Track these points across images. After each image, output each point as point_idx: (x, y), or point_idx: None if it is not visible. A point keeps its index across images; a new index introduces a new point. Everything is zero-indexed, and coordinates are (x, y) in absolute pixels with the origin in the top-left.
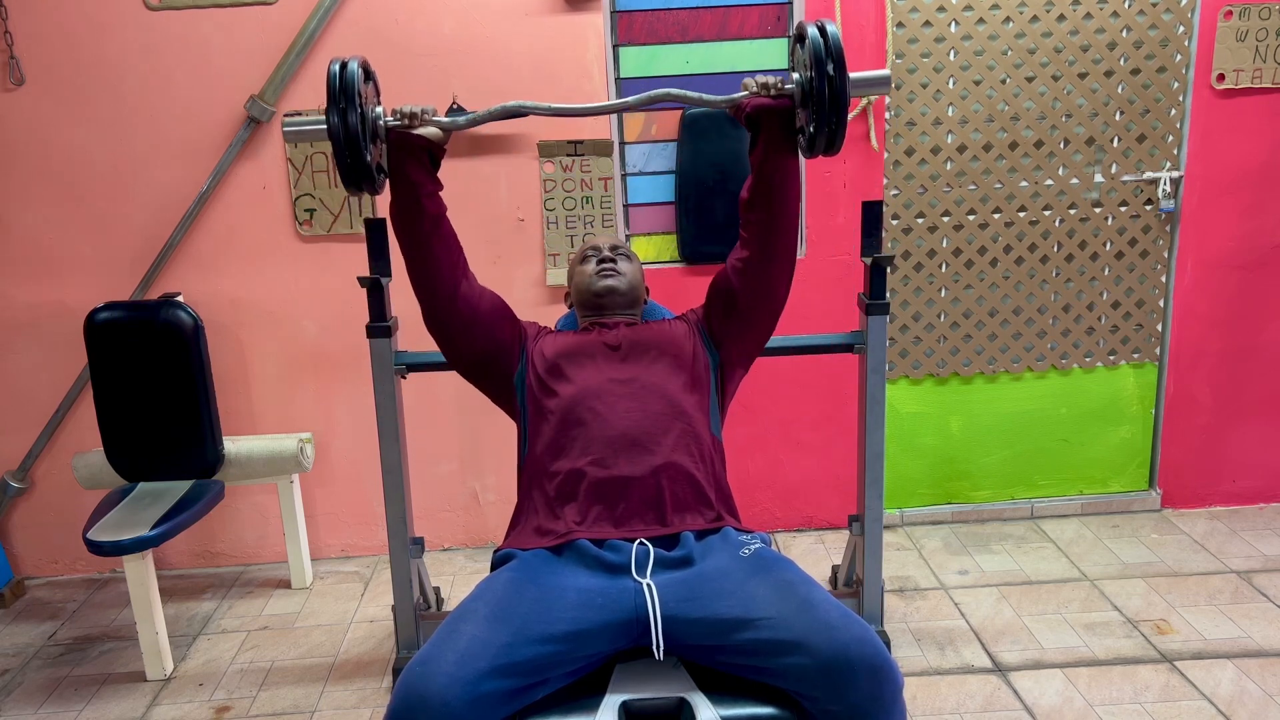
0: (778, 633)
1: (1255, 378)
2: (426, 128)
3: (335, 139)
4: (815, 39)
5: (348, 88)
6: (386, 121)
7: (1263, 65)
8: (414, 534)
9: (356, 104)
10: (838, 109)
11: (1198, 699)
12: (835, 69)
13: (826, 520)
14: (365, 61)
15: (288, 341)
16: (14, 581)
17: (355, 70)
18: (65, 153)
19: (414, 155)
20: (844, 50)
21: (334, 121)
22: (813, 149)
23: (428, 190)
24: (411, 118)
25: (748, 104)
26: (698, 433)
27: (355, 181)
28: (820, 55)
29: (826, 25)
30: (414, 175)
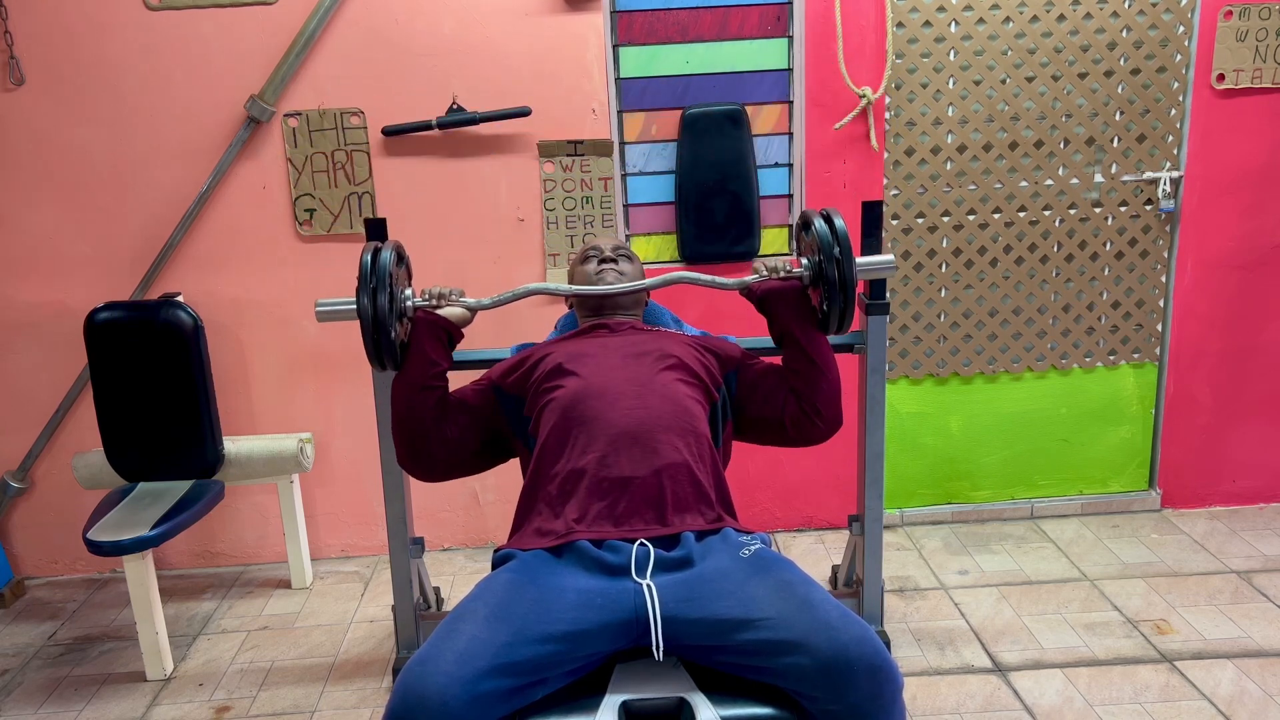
0: (778, 633)
1: (1255, 378)
2: (453, 310)
3: (364, 320)
4: (823, 232)
5: (380, 273)
6: (415, 302)
7: (1263, 65)
8: (414, 534)
9: (388, 287)
10: (847, 293)
11: (1198, 699)
12: (843, 257)
13: (826, 520)
14: (399, 246)
15: (288, 341)
16: (14, 581)
17: (388, 257)
18: (65, 153)
19: (436, 335)
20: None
21: (364, 304)
22: (826, 330)
23: (440, 370)
24: (439, 299)
25: (757, 287)
26: (699, 431)
27: (380, 360)
28: (828, 246)
29: (833, 216)
30: (432, 354)
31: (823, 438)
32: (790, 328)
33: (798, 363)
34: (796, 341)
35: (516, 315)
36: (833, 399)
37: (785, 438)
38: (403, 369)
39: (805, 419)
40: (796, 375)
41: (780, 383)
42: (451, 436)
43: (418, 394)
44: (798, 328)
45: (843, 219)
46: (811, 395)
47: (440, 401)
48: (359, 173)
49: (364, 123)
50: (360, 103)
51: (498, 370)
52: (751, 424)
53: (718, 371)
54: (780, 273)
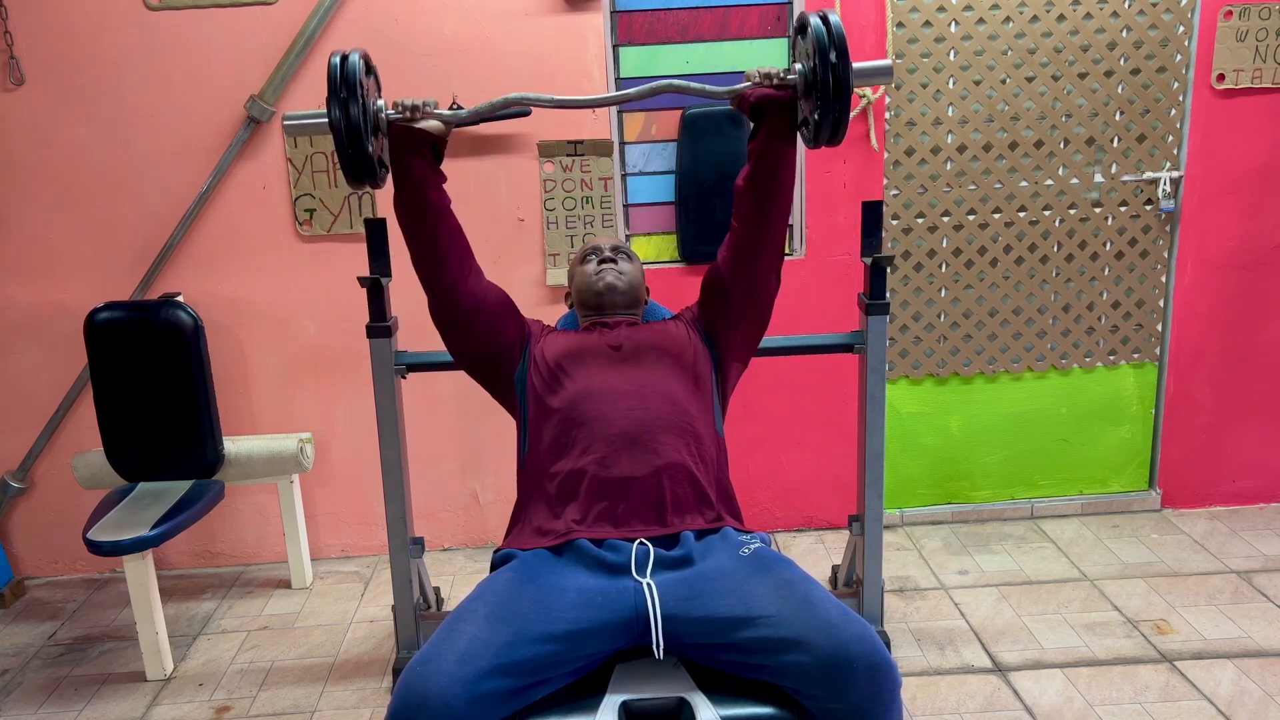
0: (778, 631)
1: (1255, 378)
2: (428, 121)
3: (337, 131)
4: (818, 28)
5: (349, 79)
6: (388, 115)
7: (1263, 65)
8: (414, 534)
9: (358, 96)
10: (841, 98)
11: (1198, 699)
12: (838, 57)
13: (826, 520)
14: (366, 54)
15: (288, 341)
16: (14, 581)
17: (356, 62)
18: (65, 153)
19: (416, 148)
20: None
21: (335, 114)
22: (817, 139)
23: (432, 183)
24: (413, 110)
25: (751, 94)
26: (699, 432)
27: (358, 175)
28: (823, 44)
29: (829, 15)
30: (417, 169)
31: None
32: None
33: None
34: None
35: None
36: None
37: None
38: (395, 192)
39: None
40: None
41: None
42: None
43: (415, 211)
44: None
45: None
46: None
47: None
48: None
49: None
50: None
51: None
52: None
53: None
54: (774, 80)
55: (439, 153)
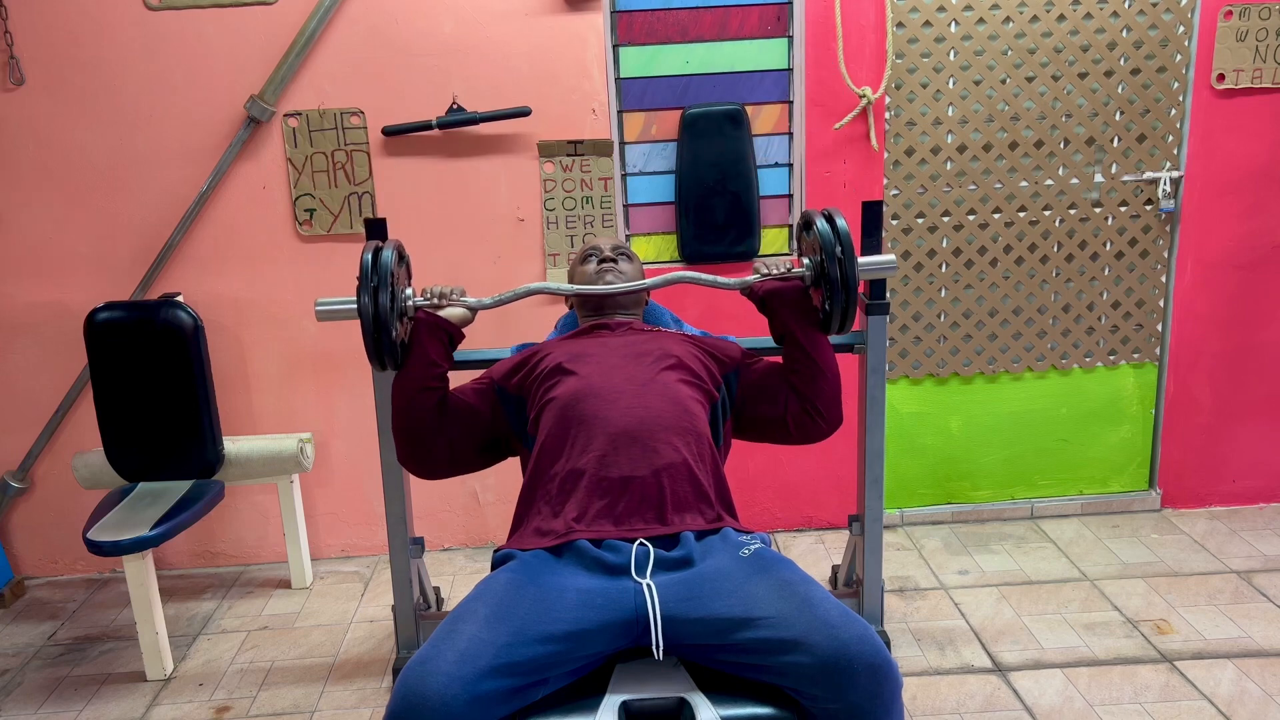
0: (778, 631)
1: (1255, 378)
2: (452, 310)
3: (365, 319)
4: (824, 232)
5: (381, 271)
6: (415, 302)
7: (1263, 65)
8: (414, 534)
9: (389, 287)
10: (848, 293)
11: (1198, 699)
12: (845, 257)
13: (826, 520)
14: (400, 245)
15: (288, 341)
16: (14, 581)
17: (389, 256)
18: (65, 153)
19: (437, 336)
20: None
21: (365, 303)
22: (827, 329)
23: (441, 371)
24: (440, 298)
25: (759, 287)
26: (699, 431)
27: (381, 360)
28: (830, 246)
29: (834, 216)
30: (433, 354)
31: (823, 436)
32: (791, 327)
33: (799, 362)
34: (797, 341)
35: (516, 315)
36: (834, 397)
37: (787, 436)
38: (403, 369)
39: (806, 417)
40: (797, 374)
41: (781, 382)
42: (453, 435)
43: (418, 395)
44: (799, 327)
45: (844, 219)
46: (812, 394)
47: (441, 401)
48: (359, 173)
49: (364, 123)
50: (360, 103)
51: (499, 369)
52: (752, 423)
53: (717, 371)
54: (782, 272)
55: (455, 343)
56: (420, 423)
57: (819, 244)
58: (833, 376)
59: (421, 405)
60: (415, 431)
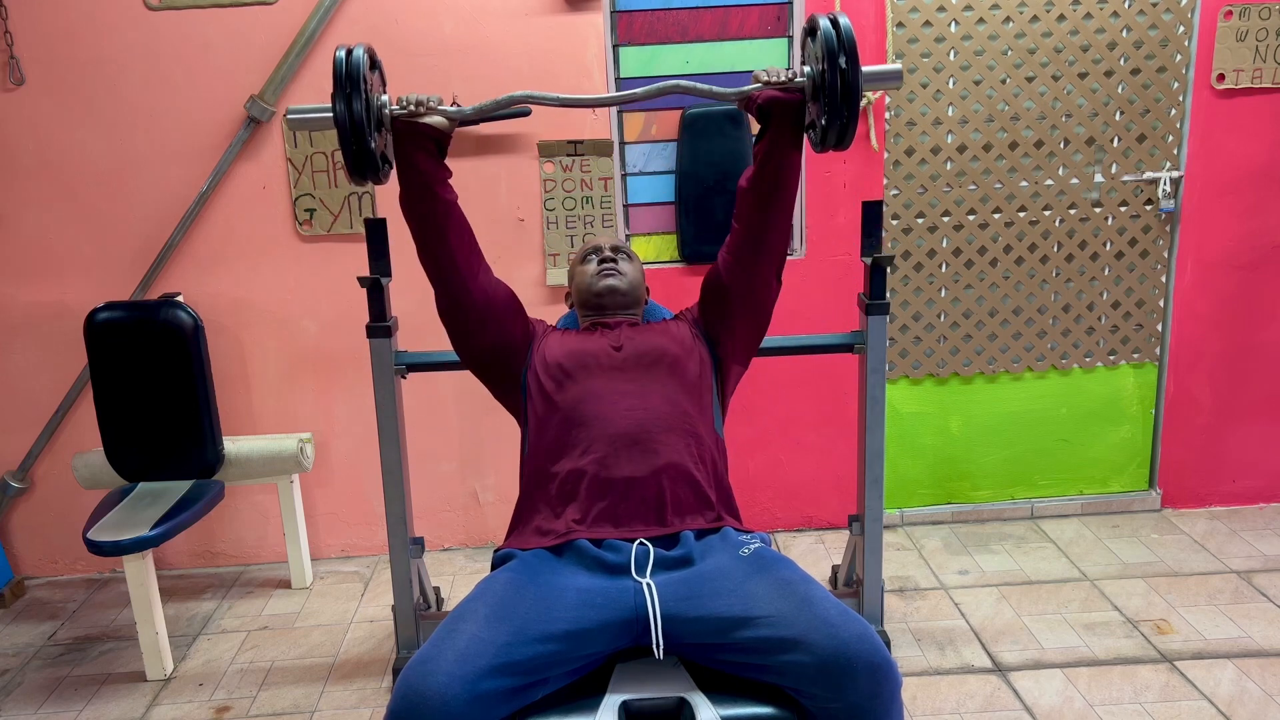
0: (778, 630)
1: (1255, 378)
2: (432, 117)
3: (341, 126)
4: (828, 32)
5: (353, 74)
6: (392, 110)
7: (1263, 65)
8: (414, 534)
9: (362, 91)
10: (850, 102)
11: (1198, 699)
12: (848, 62)
13: (826, 520)
14: (371, 49)
15: (288, 341)
16: (14, 581)
17: (361, 57)
18: (65, 153)
19: (420, 143)
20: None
21: (339, 109)
22: (824, 143)
23: (437, 178)
24: (417, 106)
25: (759, 96)
26: (699, 433)
27: (361, 170)
28: (833, 48)
29: (839, 18)
30: (422, 164)
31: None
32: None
33: (765, 180)
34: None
35: None
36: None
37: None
38: (401, 188)
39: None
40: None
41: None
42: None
43: (422, 207)
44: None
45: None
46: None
47: (451, 214)
48: None
49: None
50: None
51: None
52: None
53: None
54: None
55: (443, 148)
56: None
57: (823, 49)
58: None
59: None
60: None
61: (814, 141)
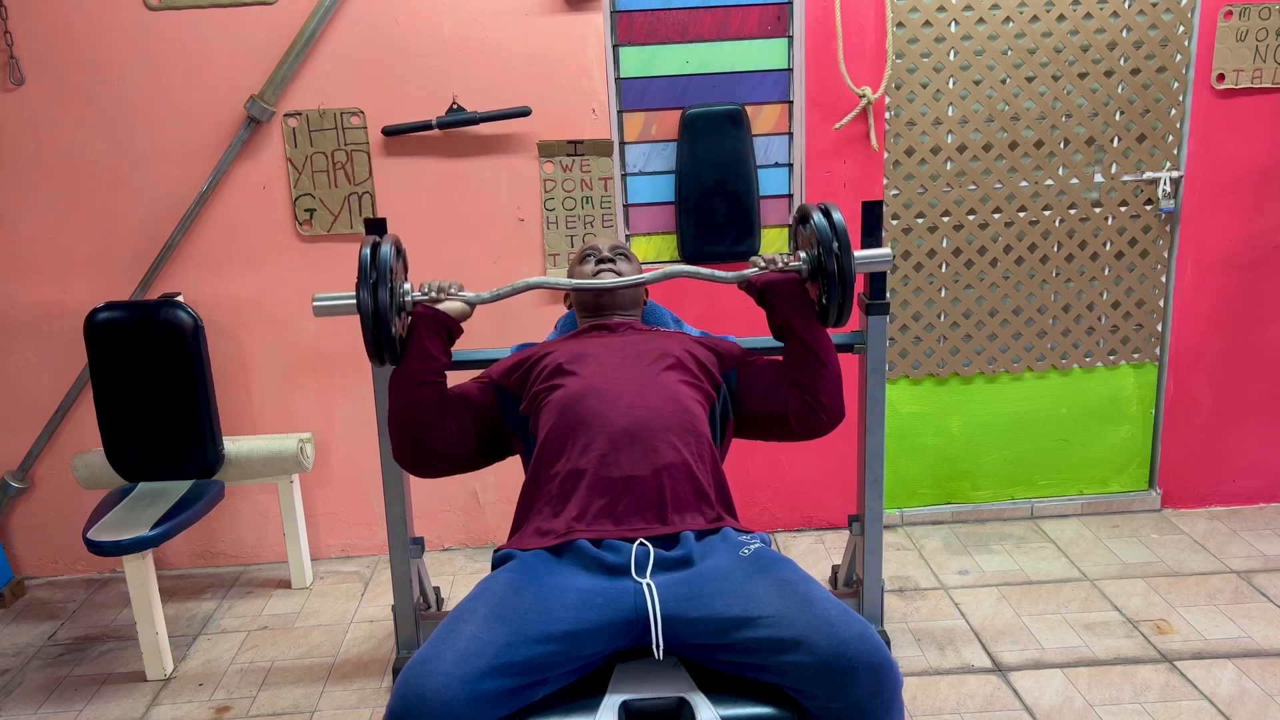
0: (778, 630)
1: (1255, 378)
2: (451, 303)
3: (365, 315)
4: (821, 225)
5: (380, 267)
6: (414, 297)
7: (1263, 65)
8: (414, 534)
9: (388, 282)
10: (845, 286)
11: (1198, 699)
12: (841, 250)
13: (826, 520)
14: (398, 240)
15: (288, 341)
16: (14, 581)
17: (388, 251)
18: (65, 153)
19: (436, 330)
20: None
21: (364, 298)
22: (825, 322)
23: (438, 366)
24: (439, 293)
25: (756, 279)
26: (699, 431)
27: (380, 355)
28: (827, 239)
29: (831, 210)
30: (432, 349)
31: (826, 430)
32: (790, 320)
33: (799, 355)
34: (796, 333)
35: (516, 315)
36: (835, 390)
37: (789, 432)
38: (401, 365)
39: (808, 410)
40: (798, 368)
41: (781, 377)
42: (451, 433)
43: (416, 390)
44: (797, 319)
45: (840, 212)
46: (814, 386)
47: (439, 397)
48: (359, 173)
49: (364, 123)
50: (360, 103)
51: (498, 368)
52: (753, 419)
53: (717, 370)
54: (779, 264)
55: (454, 337)
56: (418, 418)
57: (816, 238)
58: (833, 368)
59: (420, 400)
60: (413, 428)
61: None
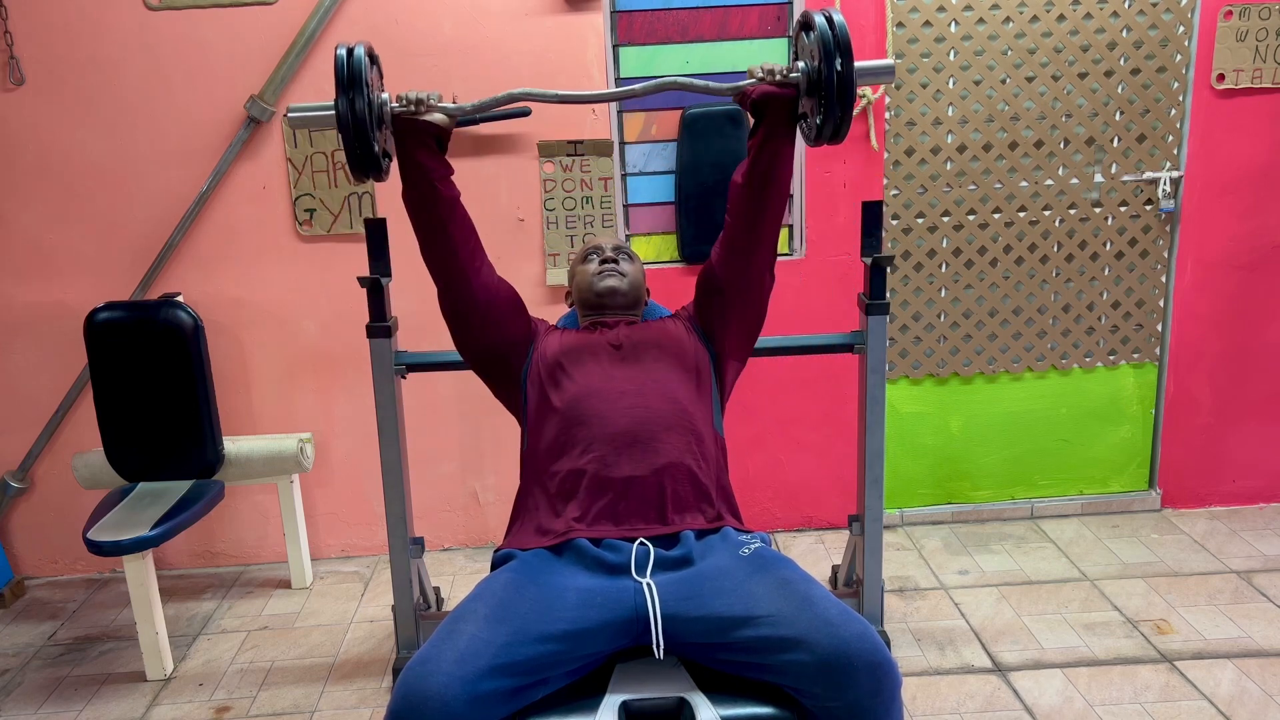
0: (778, 630)
1: (1255, 378)
2: (432, 114)
3: (343, 124)
4: (823, 28)
5: (355, 73)
6: (392, 108)
7: (1263, 65)
8: (414, 534)
9: (364, 90)
10: (844, 98)
11: (1198, 699)
12: (842, 58)
13: (826, 520)
14: (371, 47)
15: (288, 341)
16: (14, 581)
17: (362, 56)
18: (65, 153)
19: (422, 140)
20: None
21: (342, 107)
22: (819, 137)
23: (439, 174)
24: (418, 104)
25: (753, 90)
26: (699, 431)
27: (363, 168)
28: (829, 45)
29: (833, 14)
30: (424, 160)
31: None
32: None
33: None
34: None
35: None
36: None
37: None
38: (404, 185)
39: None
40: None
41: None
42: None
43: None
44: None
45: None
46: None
47: (455, 210)
48: None
49: None
50: None
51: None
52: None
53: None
54: (777, 77)
55: (444, 144)
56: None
57: (819, 46)
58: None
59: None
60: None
61: (807, 135)
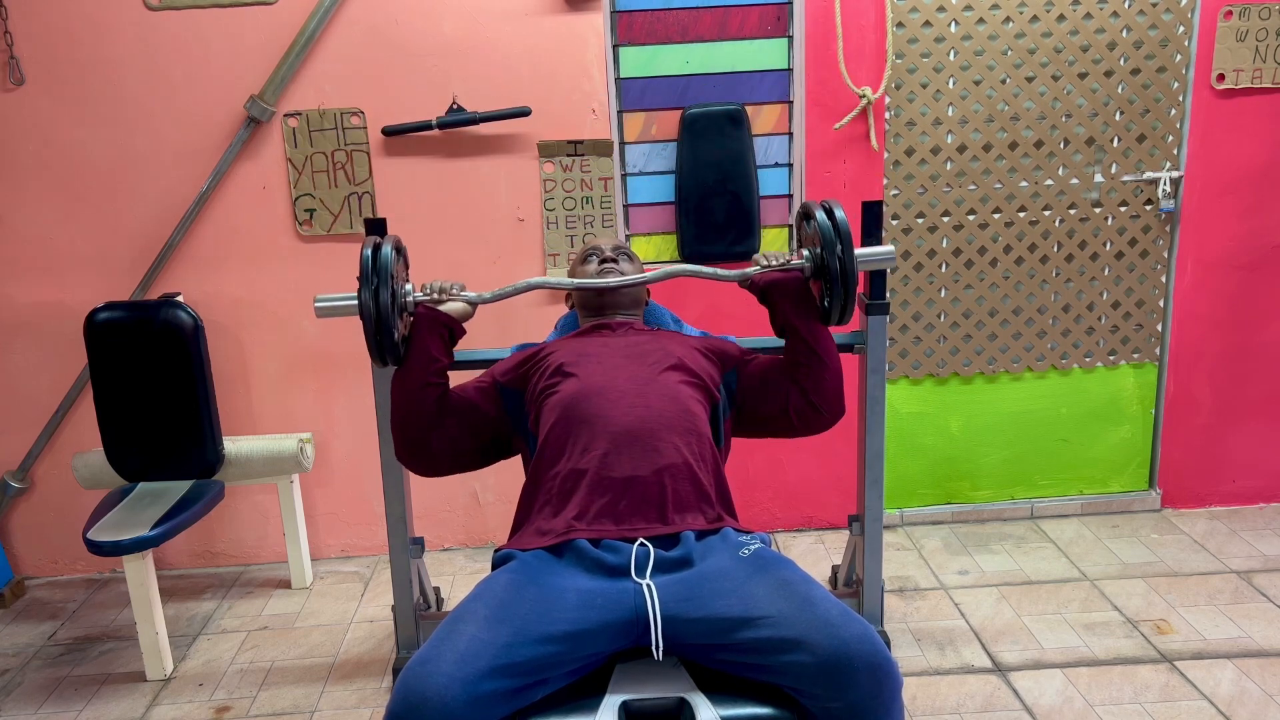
0: (778, 630)
1: (1255, 378)
2: (453, 304)
3: (366, 317)
4: (824, 223)
5: (381, 268)
6: (415, 297)
7: (1263, 65)
8: (414, 534)
9: (389, 283)
10: (847, 285)
11: (1198, 699)
12: (843, 249)
13: (826, 520)
14: (399, 241)
15: (288, 341)
16: (14, 581)
17: (389, 252)
18: (65, 153)
19: (437, 332)
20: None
21: (366, 300)
22: (827, 322)
23: (441, 366)
24: (440, 294)
25: (759, 278)
26: (700, 431)
27: (383, 357)
28: (829, 237)
29: (834, 208)
30: (434, 350)
31: (826, 426)
32: (792, 319)
33: (800, 354)
34: (798, 332)
35: (517, 315)
36: (836, 388)
37: (790, 429)
38: (404, 366)
39: (809, 409)
40: (799, 367)
41: (782, 375)
42: (452, 433)
43: (418, 391)
44: (799, 319)
45: (843, 210)
46: (814, 385)
47: (441, 398)
48: (359, 173)
49: (364, 123)
50: (360, 103)
51: (500, 368)
52: (754, 418)
53: (717, 372)
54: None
55: (456, 338)
56: (420, 419)
57: (818, 236)
58: (834, 367)
59: (422, 401)
60: (415, 428)
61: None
